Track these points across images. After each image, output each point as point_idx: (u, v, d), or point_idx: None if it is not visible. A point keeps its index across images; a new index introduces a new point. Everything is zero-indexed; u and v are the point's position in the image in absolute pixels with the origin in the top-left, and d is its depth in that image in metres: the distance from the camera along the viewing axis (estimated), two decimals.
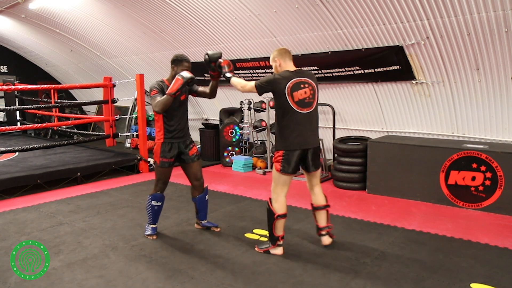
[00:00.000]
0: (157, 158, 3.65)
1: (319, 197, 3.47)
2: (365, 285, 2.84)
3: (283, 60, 3.31)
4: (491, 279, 2.90)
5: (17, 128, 6.96)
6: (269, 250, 3.37)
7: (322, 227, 3.47)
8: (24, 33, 9.72)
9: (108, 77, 7.07)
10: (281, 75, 3.22)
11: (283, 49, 3.37)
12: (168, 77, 3.67)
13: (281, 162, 3.23)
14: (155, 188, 3.75)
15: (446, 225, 4.02)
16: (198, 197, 3.88)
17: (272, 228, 3.31)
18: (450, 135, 5.33)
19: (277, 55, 3.31)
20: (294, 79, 3.20)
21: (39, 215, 4.48)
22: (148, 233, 3.79)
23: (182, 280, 2.95)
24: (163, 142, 3.63)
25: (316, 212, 3.49)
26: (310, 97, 3.24)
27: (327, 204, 3.49)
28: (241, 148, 7.41)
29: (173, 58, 3.64)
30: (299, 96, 3.19)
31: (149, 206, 3.75)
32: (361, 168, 5.39)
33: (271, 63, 3.38)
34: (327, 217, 3.49)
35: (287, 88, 3.16)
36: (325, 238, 3.47)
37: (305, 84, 3.23)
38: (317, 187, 3.49)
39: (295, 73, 3.25)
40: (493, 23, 4.15)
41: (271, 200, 3.33)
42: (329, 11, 5.08)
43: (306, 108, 3.23)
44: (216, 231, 3.93)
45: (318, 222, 3.50)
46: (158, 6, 6.47)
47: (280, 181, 3.28)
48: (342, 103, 6.23)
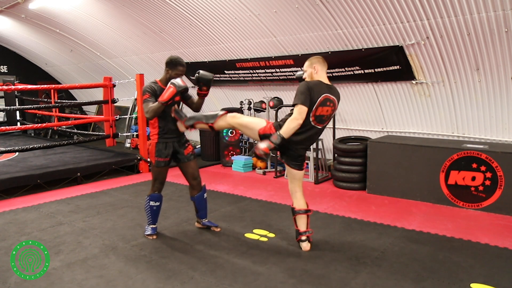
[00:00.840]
0: (153, 158, 3.65)
1: (301, 201, 3.46)
2: (365, 285, 2.84)
3: (321, 69, 3.29)
4: (491, 279, 2.90)
5: (17, 128, 6.96)
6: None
7: (303, 231, 3.45)
8: (24, 33, 9.72)
9: (108, 77, 7.07)
10: (316, 84, 3.19)
11: (322, 58, 3.34)
12: (162, 78, 3.66)
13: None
14: (152, 189, 3.75)
15: (446, 225, 4.02)
16: (196, 196, 3.89)
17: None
18: (450, 135, 5.33)
19: (317, 62, 3.28)
20: (326, 94, 3.19)
21: (39, 215, 4.48)
22: (148, 233, 3.79)
23: (182, 280, 2.95)
24: (158, 142, 3.63)
25: (297, 217, 3.47)
26: (328, 115, 3.29)
27: (308, 209, 3.48)
28: (241, 148, 7.41)
29: (168, 60, 3.62)
30: (321, 112, 3.20)
31: (148, 207, 3.75)
32: (361, 168, 5.39)
33: (306, 68, 3.32)
34: (307, 222, 3.48)
35: (318, 101, 3.15)
36: (304, 244, 3.45)
37: (331, 103, 3.25)
38: (299, 192, 3.48)
39: (328, 87, 3.24)
40: (493, 23, 4.16)
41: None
42: (329, 11, 5.08)
43: (320, 124, 3.28)
44: (216, 230, 3.93)
45: (298, 226, 3.47)
46: (158, 6, 6.47)
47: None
48: (342, 103, 6.22)
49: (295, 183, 3.47)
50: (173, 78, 3.55)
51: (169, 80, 3.56)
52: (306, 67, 3.33)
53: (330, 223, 4.11)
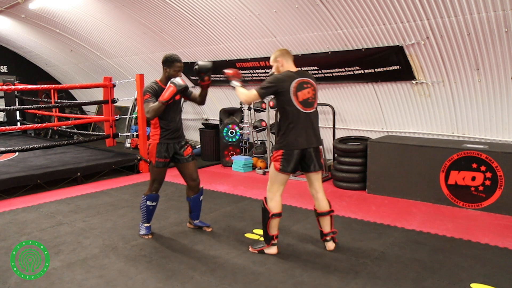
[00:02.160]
0: (153, 158, 3.66)
1: (323, 203, 3.39)
2: (365, 285, 2.84)
3: (286, 60, 3.32)
4: (491, 279, 2.90)
5: (17, 128, 6.96)
6: (264, 249, 3.38)
7: (327, 232, 3.43)
8: (24, 33, 9.72)
9: (108, 77, 7.07)
10: (284, 75, 3.23)
11: (284, 50, 3.38)
12: (161, 77, 3.66)
13: (281, 161, 3.22)
14: (150, 188, 3.75)
15: (446, 225, 4.02)
16: (193, 197, 3.89)
17: (267, 227, 3.31)
18: (450, 135, 5.33)
19: (279, 55, 3.32)
20: (298, 79, 3.22)
21: (39, 215, 4.48)
22: (143, 233, 3.79)
23: (182, 280, 2.95)
24: (159, 143, 3.63)
25: (320, 218, 3.43)
26: (312, 97, 3.28)
27: (331, 210, 3.42)
28: (241, 148, 7.41)
29: (164, 58, 3.61)
30: (303, 96, 3.21)
31: (144, 206, 3.75)
32: (361, 168, 5.39)
33: (272, 63, 3.37)
34: (331, 223, 3.44)
35: (292, 88, 3.18)
36: (329, 244, 3.44)
37: (308, 84, 3.26)
38: (321, 192, 3.40)
39: (297, 73, 3.27)
40: (493, 23, 4.15)
41: (266, 199, 3.32)
42: (329, 11, 5.08)
43: (309, 108, 3.25)
44: (208, 230, 3.93)
45: (322, 227, 3.45)
46: (158, 6, 6.47)
47: (277, 180, 3.28)
48: (342, 103, 6.23)
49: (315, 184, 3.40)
50: (172, 76, 3.56)
51: (169, 78, 3.56)
52: (272, 62, 3.38)
53: None
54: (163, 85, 3.59)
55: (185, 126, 9.40)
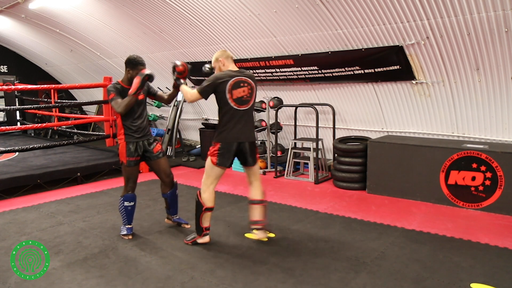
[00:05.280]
0: (124, 158, 3.69)
1: (256, 191, 3.59)
2: (365, 285, 2.84)
3: (227, 60, 3.50)
4: (491, 279, 2.90)
5: (17, 128, 6.95)
6: (196, 240, 3.55)
7: (255, 221, 3.60)
8: (24, 33, 9.72)
9: (108, 77, 7.06)
10: (224, 73, 3.40)
11: (224, 51, 3.57)
12: (123, 78, 3.73)
13: (217, 156, 3.40)
14: (125, 189, 3.77)
15: (446, 225, 4.02)
16: (169, 192, 3.95)
17: (199, 219, 3.47)
18: (450, 135, 5.33)
19: (221, 55, 3.50)
20: (236, 78, 3.39)
21: (39, 215, 4.48)
22: (124, 233, 3.80)
23: (182, 280, 2.95)
24: (128, 142, 3.67)
25: (252, 206, 3.61)
26: (248, 95, 3.44)
27: (263, 200, 3.61)
28: None
29: (128, 60, 3.67)
30: (238, 94, 3.38)
31: (122, 208, 3.76)
32: (361, 168, 5.39)
33: (213, 64, 3.54)
34: (263, 212, 3.61)
35: (228, 86, 3.35)
36: (258, 232, 3.61)
37: (245, 83, 3.43)
38: (256, 182, 3.62)
39: (237, 72, 3.44)
40: (493, 23, 4.15)
41: (200, 192, 3.47)
42: (329, 11, 5.08)
43: (243, 106, 3.42)
44: (187, 227, 4.00)
45: (252, 216, 3.62)
46: (158, 6, 6.47)
47: (213, 174, 3.45)
48: (342, 103, 6.23)
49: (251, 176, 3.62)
50: (134, 77, 3.62)
51: (131, 80, 3.67)
52: (213, 63, 3.52)
53: (330, 223, 4.11)
54: (126, 86, 3.67)
55: (185, 126, 9.40)
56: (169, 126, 8.24)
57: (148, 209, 4.68)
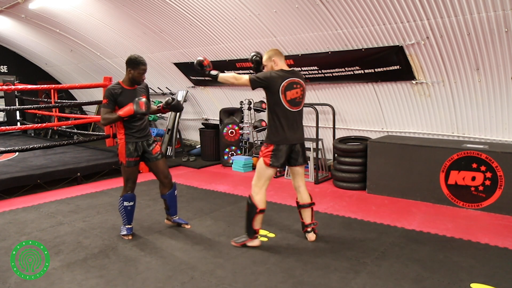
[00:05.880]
0: (123, 159, 3.68)
1: (305, 195, 3.61)
2: (365, 285, 2.84)
3: (279, 59, 3.46)
4: (491, 279, 2.90)
5: (17, 128, 6.95)
6: (246, 243, 3.51)
7: (308, 224, 3.63)
8: (24, 33, 9.72)
9: (108, 77, 7.06)
10: (277, 74, 3.36)
11: (277, 49, 3.53)
12: (124, 79, 3.69)
13: (271, 157, 3.39)
14: (125, 189, 3.76)
15: (446, 225, 4.02)
16: (167, 193, 3.94)
17: (252, 221, 3.43)
18: (450, 135, 5.33)
19: (274, 54, 3.46)
20: (289, 79, 3.38)
21: (39, 215, 4.48)
22: (124, 233, 3.79)
23: (182, 280, 2.95)
24: (128, 142, 3.67)
25: (302, 210, 3.64)
26: (300, 97, 3.45)
27: (312, 202, 3.64)
28: (241, 148, 7.41)
29: (128, 59, 3.62)
30: (291, 95, 3.36)
31: (122, 208, 3.76)
32: (361, 168, 5.39)
33: (265, 62, 3.50)
34: (311, 215, 3.64)
35: (282, 87, 3.33)
36: (310, 235, 3.64)
37: (297, 85, 3.42)
38: (303, 186, 3.62)
39: (289, 73, 3.42)
40: (493, 23, 4.15)
41: (252, 195, 3.45)
42: (329, 11, 5.08)
43: (296, 107, 3.43)
44: (187, 227, 4.00)
45: (304, 219, 3.65)
46: (158, 6, 6.47)
47: (266, 175, 3.44)
48: (342, 103, 6.23)
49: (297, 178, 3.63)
50: (136, 78, 3.62)
51: (132, 80, 3.63)
52: (266, 62, 3.49)
53: (330, 223, 4.11)
54: (126, 86, 3.64)
55: (185, 126, 9.39)
56: (169, 126, 8.24)
57: (148, 209, 4.68)
